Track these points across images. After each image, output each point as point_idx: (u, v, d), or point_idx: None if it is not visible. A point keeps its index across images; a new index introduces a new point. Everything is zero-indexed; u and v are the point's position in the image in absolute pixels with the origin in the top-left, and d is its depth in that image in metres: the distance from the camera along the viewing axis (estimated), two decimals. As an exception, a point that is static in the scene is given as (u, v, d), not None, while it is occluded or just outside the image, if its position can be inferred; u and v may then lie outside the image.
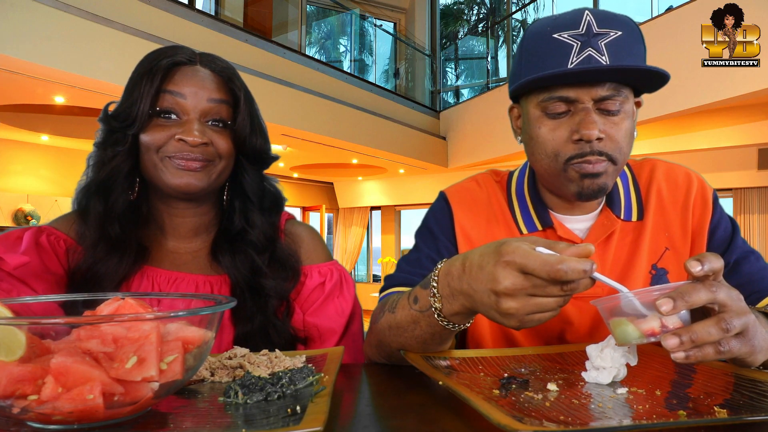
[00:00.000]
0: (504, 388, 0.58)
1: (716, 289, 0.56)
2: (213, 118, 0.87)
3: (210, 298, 0.59)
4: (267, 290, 0.90)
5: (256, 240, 0.93)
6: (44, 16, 3.76)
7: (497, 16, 12.13)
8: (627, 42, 0.77)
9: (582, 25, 0.77)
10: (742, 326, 0.56)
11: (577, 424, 0.46)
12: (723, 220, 0.91)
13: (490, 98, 8.00)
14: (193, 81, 0.87)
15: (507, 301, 0.57)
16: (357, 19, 9.81)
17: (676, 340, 0.54)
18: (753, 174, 7.25)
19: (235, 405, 0.53)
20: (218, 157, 0.88)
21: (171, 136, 0.84)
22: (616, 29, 0.77)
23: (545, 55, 0.78)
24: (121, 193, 0.88)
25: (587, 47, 0.76)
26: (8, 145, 6.65)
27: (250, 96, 0.94)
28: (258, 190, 0.95)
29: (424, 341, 0.72)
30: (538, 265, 0.54)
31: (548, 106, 0.80)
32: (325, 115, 6.44)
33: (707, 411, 0.49)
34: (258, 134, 0.93)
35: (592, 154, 0.79)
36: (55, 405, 0.43)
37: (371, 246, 11.61)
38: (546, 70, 0.78)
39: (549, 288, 0.56)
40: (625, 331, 0.59)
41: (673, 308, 0.54)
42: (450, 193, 0.99)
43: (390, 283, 0.92)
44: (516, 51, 0.87)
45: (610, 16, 0.78)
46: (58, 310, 0.70)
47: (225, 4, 6.56)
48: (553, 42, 0.78)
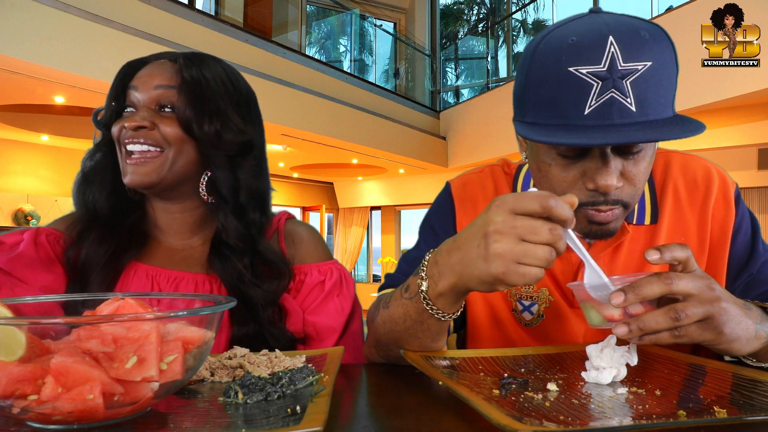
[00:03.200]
0: (504, 388, 0.58)
1: (672, 280, 0.58)
2: (162, 104, 0.86)
3: (210, 298, 0.59)
4: (254, 299, 0.87)
5: (232, 243, 0.89)
6: (44, 16, 3.76)
7: (497, 16, 12.13)
8: (657, 72, 0.65)
9: (605, 59, 0.64)
10: (704, 314, 0.58)
11: (576, 424, 0.46)
12: (744, 221, 0.85)
13: (490, 98, 8.00)
14: (147, 72, 0.88)
15: (496, 241, 0.56)
16: (357, 19, 9.81)
17: (625, 329, 0.58)
18: (753, 174, 7.25)
19: (235, 405, 0.53)
20: (166, 143, 0.85)
21: (119, 130, 0.86)
22: (645, 60, 0.64)
23: (558, 92, 0.66)
24: (104, 185, 0.90)
25: (609, 88, 0.64)
26: (8, 145, 6.65)
27: (202, 80, 0.88)
28: (231, 186, 0.89)
29: (416, 334, 0.71)
30: (530, 198, 0.56)
31: (560, 147, 0.70)
32: (325, 115, 6.45)
33: (707, 411, 0.49)
34: (209, 120, 0.87)
35: (606, 203, 0.71)
36: (55, 405, 0.43)
37: (371, 246, 11.61)
38: (558, 112, 0.67)
39: (537, 227, 0.55)
40: (590, 315, 0.64)
41: (624, 301, 0.57)
42: (455, 186, 0.96)
43: (389, 283, 0.92)
44: (522, 66, 0.73)
45: (638, 44, 0.64)
46: (59, 310, 0.70)
47: (225, 4, 6.56)
48: (568, 77, 0.65)
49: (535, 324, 0.88)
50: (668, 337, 0.58)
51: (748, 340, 0.62)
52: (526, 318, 0.89)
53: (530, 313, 0.88)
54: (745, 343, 0.62)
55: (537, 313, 0.88)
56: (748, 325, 0.62)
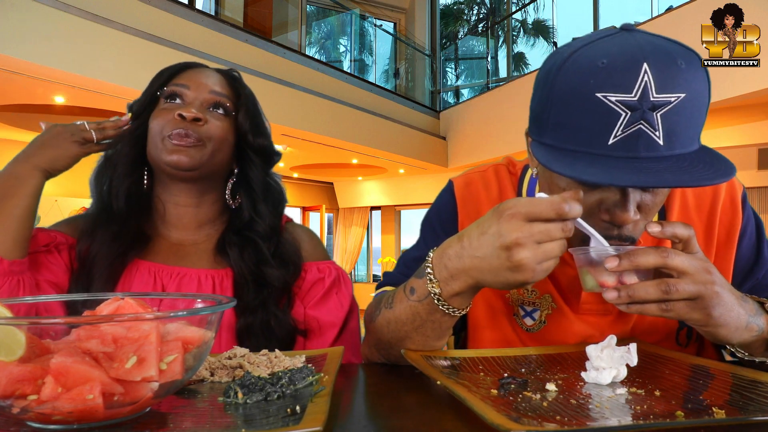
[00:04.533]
0: (503, 388, 0.58)
1: (668, 254, 0.59)
2: (214, 105, 0.94)
3: (210, 298, 0.59)
4: (271, 280, 0.92)
5: (263, 230, 0.96)
6: (44, 16, 3.76)
7: (497, 16, 12.13)
8: (689, 108, 0.61)
9: (637, 87, 0.59)
10: (695, 293, 0.59)
11: (573, 425, 0.46)
12: (750, 224, 0.85)
13: (490, 98, 8.00)
14: (198, 76, 0.95)
15: (519, 252, 0.59)
16: (357, 19, 9.81)
17: (614, 294, 0.60)
18: (753, 174, 7.25)
19: (234, 405, 0.53)
20: (209, 138, 0.91)
21: (172, 116, 0.90)
22: (680, 92, 0.60)
23: (582, 118, 0.62)
24: (127, 173, 0.94)
25: (638, 120, 0.60)
26: (8, 145, 6.65)
27: (254, 98, 1.01)
28: (263, 184, 0.99)
29: (425, 333, 0.72)
30: (545, 206, 0.58)
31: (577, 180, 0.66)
32: (325, 115, 6.45)
33: (706, 412, 0.49)
34: (260, 135, 0.99)
35: (619, 238, 0.68)
36: (55, 405, 0.43)
37: (371, 246, 11.61)
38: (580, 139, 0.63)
39: (552, 231, 0.58)
40: (585, 279, 0.66)
41: (618, 266, 0.59)
42: (458, 186, 0.94)
43: (387, 281, 0.92)
44: (545, 85, 0.67)
45: (674, 72, 0.60)
46: (59, 309, 0.71)
47: (225, 4, 6.56)
48: (596, 104, 0.60)
49: (536, 330, 0.88)
50: (655, 309, 0.60)
51: (737, 328, 0.63)
52: (528, 323, 0.88)
53: (532, 319, 0.88)
54: (733, 331, 0.63)
55: (539, 319, 0.87)
56: (740, 314, 0.62)
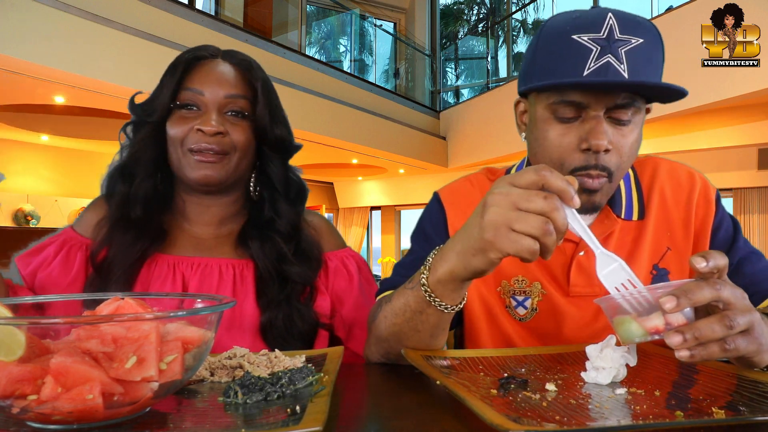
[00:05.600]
0: (502, 388, 0.58)
1: (720, 287, 0.56)
2: (232, 110, 0.92)
3: (210, 298, 0.59)
4: (292, 276, 0.93)
5: (283, 229, 0.96)
6: (44, 16, 3.76)
7: (497, 16, 12.13)
8: (647, 50, 0.74)
9: (604, 28, 0.74)
10: (748, 324, 0.55)
11: (573, 425, 0.46)
12: (725, 220, 0.90)
13: (490, 98, 8.00)
14: (212, 77, 0.91)
15: (489, 211, 0.59)
16: (357, 19, 9.81)
17: (680, 338, 0.54)
18: (753, 174, 7.25)
19: (234, 405, 0.53)
20: (234, 148, 0.91)
21: (191, 128, 0.89)
22: (639, 36, 0.74)
23: (561, 57, 0.75)
24: (145, 179, 0.93)
25: (606, 53, 0.73)
26: (8, 145, 6.65)
27: (269, 86, 0.96)
28: (283, 180, 0.98)
29: (415, 326, 0.73)
30: (527, 170, 0.59)
31: (558, 110, 0.78)
32: (325, 115, 6.45)
33: (706, 412, 0.49)
34: (279, 123, 0.96)
35: (596, 168, 0.78)
36: (55, 405, 0.43)
37: (371, 246, 11.61)
38: (561, 72, 0.75)
39: (532, 195, 0.57)
40: (629, 329, 0.58)
41: (677, 306, 0.54)
42: (443, 194, 0.99)
43: (385, 287, 0.92)
44: (530, 45, 0.83)
45: (633, 22, 0.75)
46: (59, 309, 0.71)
47: (225, 4, 6.56)
48: (572, 44, 0.74)
49: (528, 318, 0.90)
50: (719, 350, 0.55)
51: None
52: (520, 313, 0.91)
53: (524, 308, 0.90)
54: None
55: (531, 307, 0.90)
56: None
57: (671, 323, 0.56)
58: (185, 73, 0.91)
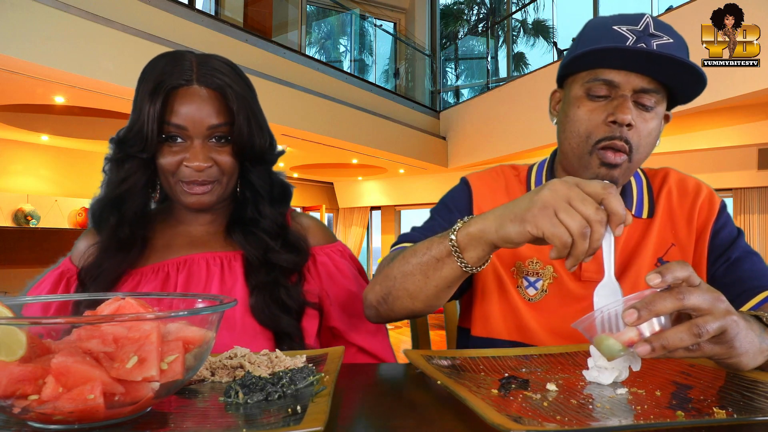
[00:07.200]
0: (503, 388, 0.58)
1: (684, 295, 0.56)
2: (215, 136, 0.93)
3: (211, 298, 0.59)
4: (280, 262, 0.96)
5: (268, 227, 0.98)
6: (44, 16, 3.76)
7: (497, 16, 12.14)
8: (676, 49, 0.83)
9: (641, 23, 0.84)
10: (719, 329, 0.56)
11: (574, 425, 0.46)
12: (729, 226, 0.95)
13: (490, 98, 7.99)
14: (192, 109, 0.90)
15: (546, 192, 0.63)
16: (357, 19, 9.81)
17: (648, 348, 0.55)
18: (753, 174, 7.24)
19: (235, 405, 0.53)
20: (222, 174, 0.94)
21: (180, 162, 0.91)
22: (670, 37, 0.84)
23: (601, 40, 0.84)
24: (138, 203, 0.95)
25: (641, 42, 0.82)
26: (8, 145, 6.65)
27: (246, 102, 0.94)
28: (266, 184, 1.00)
29: (426, 272, 0.76)
30: (595, 182, 0.62)
31: (592, 87, 0.86)
32: (325, 115, 6.44)
33: (706, 412, 0.49)
34: (258, 135, 0.96)
35: (621, 139, 0.85)
36: (56, 405, 0.43)
37: (371, 246, 11.61)
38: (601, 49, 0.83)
39: (588, 201, 0.61)
40: (609, 345, 0.59)
41: (638, 318, 0.55)
42: (471, 178, 1.06)
43: (403, 239, 0.96)
44: (572, 44, 0.93)
45: (667, 26, 0.86)
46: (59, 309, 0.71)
47: (225, 4, 6.55)
48: (612, 32, 0.84)
49: (537, 299, 0.95)
50: (683, 353, 0.57)
51: (754, 354, 0.61)
52: (530, 293, 0.96)
53: (534, 289, 0.96)
54: (752, 357, 0.61)
55: (541, 288, 0.95)
56: (753, 338, 0.61)
57: (644, 334, 0.57)
58: (164, 106, 0.89)
